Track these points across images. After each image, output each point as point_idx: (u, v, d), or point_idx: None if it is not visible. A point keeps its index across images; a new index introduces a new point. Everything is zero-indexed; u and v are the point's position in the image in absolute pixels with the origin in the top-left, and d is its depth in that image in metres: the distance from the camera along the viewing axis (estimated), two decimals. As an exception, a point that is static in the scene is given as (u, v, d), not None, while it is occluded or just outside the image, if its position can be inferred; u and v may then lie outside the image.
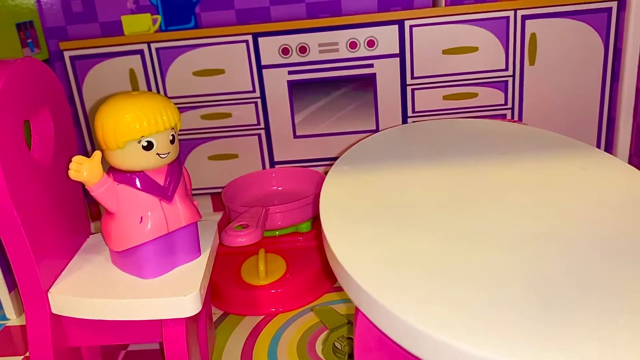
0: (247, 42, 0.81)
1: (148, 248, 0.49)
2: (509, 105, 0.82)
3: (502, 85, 0.81)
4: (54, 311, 0.50)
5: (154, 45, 0.82)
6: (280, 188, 0.86)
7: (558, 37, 0.78)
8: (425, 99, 0.83)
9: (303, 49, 0.81)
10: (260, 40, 0.80)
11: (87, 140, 0.88)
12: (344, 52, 0.81)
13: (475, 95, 0.82)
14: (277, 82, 0.83)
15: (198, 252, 0.54)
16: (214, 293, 0.69)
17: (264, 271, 0.68)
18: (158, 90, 0.84)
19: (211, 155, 0.88)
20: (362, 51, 0.80)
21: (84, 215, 0.58)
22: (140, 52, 0.82)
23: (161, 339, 0.50)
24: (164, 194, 0.49)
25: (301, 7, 0.80)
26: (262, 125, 0.85)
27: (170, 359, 0.49)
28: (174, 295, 0.48)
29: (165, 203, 0.49)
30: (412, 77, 0.81)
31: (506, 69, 0.80)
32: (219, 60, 0.82)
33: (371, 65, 0.81)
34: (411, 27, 0.79)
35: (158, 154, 0.48)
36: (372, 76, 0.82)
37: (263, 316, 0.67)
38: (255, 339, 0.63)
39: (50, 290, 0.49)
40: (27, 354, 0.64)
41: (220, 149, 0.87)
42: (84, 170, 0.47)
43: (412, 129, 0.65)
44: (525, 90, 0.81)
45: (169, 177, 0.49)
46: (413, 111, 0.83)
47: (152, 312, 0.48)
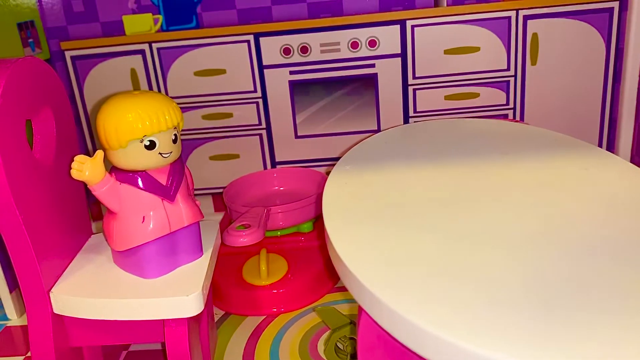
0: (248, 42, 0.81)
1: (150, 248, 0.49)
2: (511, 105, 0.82)
3: (504, 85, 0.81)
4: (55, 311, 0.49)
5: (155, 45, 0.82)
6: (281, 188, 0.86)
7: (560, 37, 0.78)
8: (426, 99, 0.83)
9: (304, 49, 0.81)
10: (262, 40, 0.80)
11: (89, 140, 0.88)
12: (346, 52, 0.81)
13: (477, 95, 0.82)
14: (279, 82, 0.83)
15: (200, 251, 0.54)
16: (216, 293, 0.69)
17: (266, 271, 0.68)
18: (159, 90, 0.84)
19: (212, 156, 0.88)
20: (364, 51, 0.80)
21: (86, 214, 0.58)
22: (142, 52, 0.82)
23: (163, 339, 0.50)
24: (166, 193, 0.49)
25: (302, 7, 0.80)
26: (264, 125, 0.85)
27: (173, 359, 0.49)
28: (176, 295, 0.48)
29: (168, 203, 0.49)
30: (414, 77, 0.81)
31: (508, 69, 0.80)
32: (221, 60, 0.82)
33: (373, 65, 0.81)
34: (413, 27, 0.79)
35: (160, 154, 0.48)
36: (374, 76, 0.82)
37: (265, 316, 0.67)
38: (257, 339, 0.63)
39: (52, 290, 0.49)
40: (29, 354, 0.64)
41: (222, 149, 0.87)
42: (86, 169, 0.47)
43: (414, 129, 0.65)
44: (527, 90, 0.81)
45: (171, 177, 0.49)
46: (414, 111, 0.83)
47: (154, 312, 0.48)
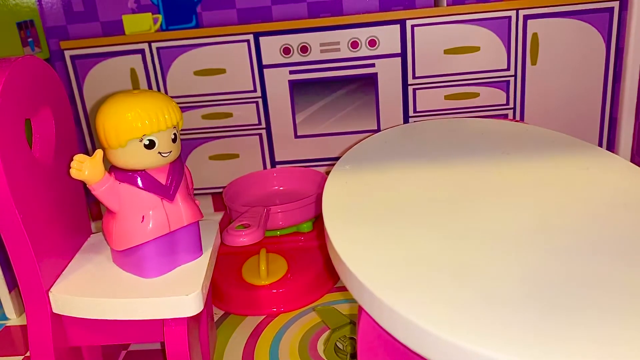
0: (248, 41, 0.81)
1: (149, 247, 0.49)
2: (511, 105, 0.82)
3: (504, 85, 0.81)
4: (54, 311, 0.49)
5: (154, 45, 0.81)
6: (281, 188, 0.86)
7: (560, 37, 0.78)
8: (426, 99, 0.82)
9: (304, 49, 0.80)
10: (262, 39, 0.80)
11: (88, 139, 0.88)
12: (346, 52, 0.81)
13: (477, 95, 0.82)
14: (278, 82, 0.83)
15: (200, 251, 0.53)
16: (215, 293, 0.69)
17: (265, 271, 0.68)
18: (159, 89, 0.84)
19: (212, 155, 0.87)
20: (364, 51, 0.80)
21: (85, 214, 0.58)
22: (141, 51, 0.82)
23: (162, 338, 0.50)
24: (166, 193, 0.49)
25: (302, 7, 0.80)
26: (263, 125, 0.85)
27: (172, 359, 0.49)
28: (175, 294, 0.47)
29: (167, 202, 0.49)
30: (414, 77, 0.81)
31: (508, 69, 0.80)
32: (220, 59, 0.82)
33: (372, 65, 0.81)
34: (413, 26, 0.79)
35: (160, 153, 0.48)
36: (374, 76, 0.82)
37: (264, 316, 0.67)
38: (257, 339, 0.63)
39: (51, 289, 0.49)
40: (28, 353, 0.64)
41: (221, 148, 0.87)
42: (86, 168, 0.47)
43: (414, 129, 0.64)
44: (527, 90, 0.81)
45: (171, 176, 0.49)
46: (414, 111, 0.83)
47: (154, 312, 0.48)
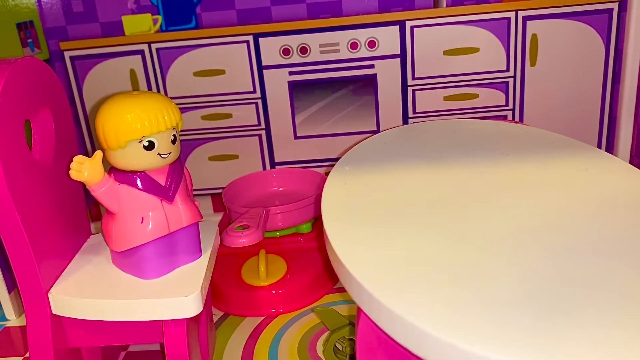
0: (247, 42, 0.81)
1: (149, 248, 0.49)
2: (510, 106, 0.82)
3: (503, 86, 0.81)
4: (54, 312, 0.49)
5: (154, 46, 0.82)
6: (281, 189, 0.86)
7: (559, 38, 0.78)
8: (426, 100, 0.83)
9: (304, 50, 0.80)
10: (261, 40, 0.80)
11: (88, 141, 0.88)
12: (345, 53, 0.81)
13: (476, 96, 0.82)
14: (278, 83, 0.83)
15: (199, 252, 0.53)
16: (215, 294, 0.69)
17: (265, 272, 0.68)
18: (158, 90, 0.84)
19: (212, 156, 0.87)
20: (363, 52, 0.80)
21: (85, 215, 0.58)
22: (141, 52, 0.82)
23: (162, 339, 0.50)
24: (165, 194, 0.49)
25: (302, 8, 0.80)
26: (263, 125, 0.85)
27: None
28: (175, 295, 0.47)
29: (167, 203, 0.49)
30: (413, 78, 0.81)
31: (507, 70, 0.80)
32: (220, 60, 0.82)
33: (372, 66, 0.81)
34: (412, 27, 0.79)
35: (159, 154, 0.48)
36: (373, 77, 0.82)
37: (264, 317, 0.67)
38: (256, 340, 0.63)
39: (50, 290, 0.49)
40: (27, 354, 0.64)
41: (221, 149, 0.87)
42: (85, 170, 0.47)
43: (413, 130, 0.65)
44: (526, 91, 0.81)
45: (170, 177, 0.49)
46: (414, 112, 0.83)
47: (153, 313, 0.48)
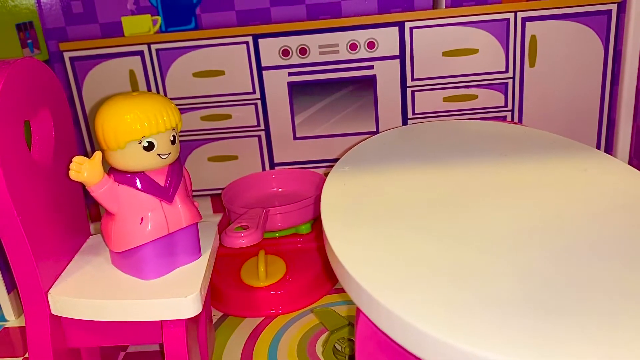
0: (247, 43, 0.81)
1: (148, 249, 0.49)
2: (509, 107, 0.82)
3: (502, 87, 0.81)
4: (53, 312, 0.49)
5: (154, 47, 0.82)
6: (280, 189, 0.86)
7: (558, 39, 0.78)
8: (425, 101, 0.83)
9: (303, 51, 0.81)
10: (261, 41, 0.80)
11: (87, 141, 0.88)
12: (344, 54, 0.81)
13: (475, 97, 0.82)
14: (277, 84, 0.83)
15: (198, 253, 0.53)
16: (214, 294, 0.69)
17: (264, 273, 0.68)
18: (158, 91, 0.84)
19: (211, 157, 0.87)
20: (363, 53, 0.80)
21: (84, 216, 0.58)
22: (140, 53, 0.82)
23: (161, 340, 0.50)
24: (165, 194, 0.49)
25: (301, 9, 0.80)
26: (262, 126, 0.85)
27: (170, 360, 0.49)
28: (174, 296, 0.47)
29: (166, 204, 0.49)
30: (412, 79, 0.81)
31: (506, 71, 0.80)
32: (219, 61, 0.82)
33: (371, 67, 0.81)
34: (411, 28, 0.79)
35: (159, 155, 0.48)
36: (373, 78, 0.82)
37: (263, 318, 0.67)
38: (255, 341, 0.63)
39: (50, 291, 0.49)
40: (27, 355, 0.64)
41: (220, 150, 0.87)
42: (85, 170, 0.47)
43: (412, 131, 0.65)
44: (525, 92, 0.81)
45: (170, 178, 0.49)
46: (413, 113, 0.83)
47: (152, 313, 0.48)
